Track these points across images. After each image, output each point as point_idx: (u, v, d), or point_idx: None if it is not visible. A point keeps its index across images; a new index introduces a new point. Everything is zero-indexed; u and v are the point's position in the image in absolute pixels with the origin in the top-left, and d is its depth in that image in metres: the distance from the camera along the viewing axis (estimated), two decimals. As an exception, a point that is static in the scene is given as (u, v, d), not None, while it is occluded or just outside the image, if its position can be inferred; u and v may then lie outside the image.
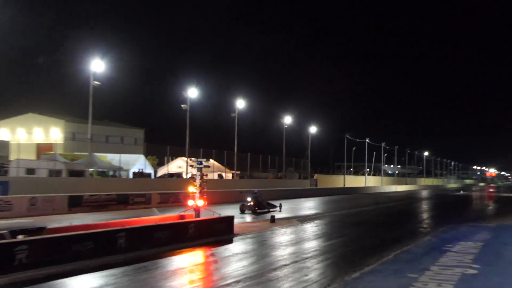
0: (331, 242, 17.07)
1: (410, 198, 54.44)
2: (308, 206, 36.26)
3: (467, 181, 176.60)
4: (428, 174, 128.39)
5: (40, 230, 12.75)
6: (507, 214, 31.50)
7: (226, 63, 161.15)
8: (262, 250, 15.32)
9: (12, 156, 39.75)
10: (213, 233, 16.36)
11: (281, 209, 28.64)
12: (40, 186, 27.29)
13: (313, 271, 12.02)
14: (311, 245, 16.38)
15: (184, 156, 41.37)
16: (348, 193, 60.29)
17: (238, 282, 10.57)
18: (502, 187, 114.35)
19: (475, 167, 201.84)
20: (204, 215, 17.53)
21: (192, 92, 39.99)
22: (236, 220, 19.22)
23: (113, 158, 43.52)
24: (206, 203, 17.43)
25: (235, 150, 47.08)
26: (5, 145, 43.83)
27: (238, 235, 17.47)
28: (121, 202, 27.86)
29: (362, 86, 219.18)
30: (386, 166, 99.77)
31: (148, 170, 44.83)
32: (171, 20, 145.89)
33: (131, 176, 41.66)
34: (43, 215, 22.72)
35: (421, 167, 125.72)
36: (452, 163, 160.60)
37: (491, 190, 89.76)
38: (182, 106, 39.36)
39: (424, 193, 75.52)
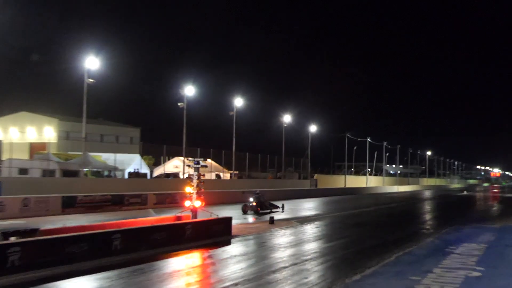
0: (331, 244, 16.88)
1: (413, 199, 54.15)
2: (308, 206, 36.04)
3: (471, 181, 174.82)
4: (431, 174, 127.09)
5: (33, 232, 12.66)
6: (511, 215, 31.27)
7: (226, 63, 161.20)
8: (261, 252, 15.12)
9: (4, 156, 39.22)
10: (210, 234, 16.16)
11: (283, 209, 28.43)
12: (33, 186, 26.93)
13: (313, 274, 11.85)
14: (311, 246, 16.19)
15: (181, 155, 40.95)
16: (349, 193, 59.80)
17: (236, 285, 10.41)
18: (507, 188, 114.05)
19: (479, 167, 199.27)
20: (201, 216, 17.37)
21: (189, 90, 39.34)
22: (236, 221, 19.04)
23: (108, 158, 43.12)
24: (203, 204, 17.31)
25: (233, 149, 46.39)
26: (-3, 144, 43.38)
27: (236, 236, 17.24)
28: (116, 203, 27.52)
29: (362, 86, 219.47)
30: (388, 166, 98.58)
31: (144, 170, 44.57)
32: (171, 20, 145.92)
33: (126, 176, 41.39)
34: (37, 216, 22.43)
35: (423, 167, 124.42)
36: (456, 163, 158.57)
37: (495, 190, 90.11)
38: (179, 104, 38.96)
39: (427, 193, 75.14)
